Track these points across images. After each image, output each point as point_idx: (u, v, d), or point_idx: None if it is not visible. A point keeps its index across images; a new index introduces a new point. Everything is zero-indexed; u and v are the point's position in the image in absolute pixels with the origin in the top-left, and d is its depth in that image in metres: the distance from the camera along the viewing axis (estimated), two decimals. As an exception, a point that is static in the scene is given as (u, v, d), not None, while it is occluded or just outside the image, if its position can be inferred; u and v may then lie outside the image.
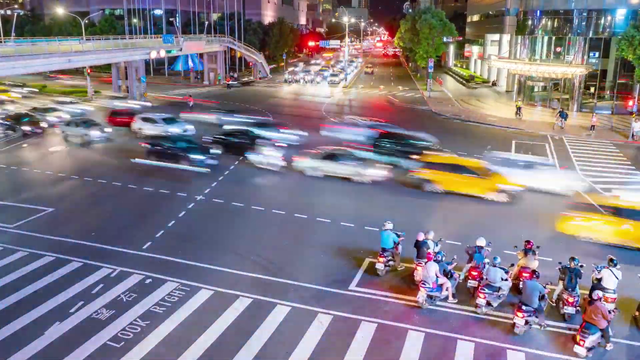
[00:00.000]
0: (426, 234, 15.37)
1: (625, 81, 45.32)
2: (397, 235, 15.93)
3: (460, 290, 14.63)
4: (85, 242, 17.66)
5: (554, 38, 48.70)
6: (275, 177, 25.58)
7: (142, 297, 14.24)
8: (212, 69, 67.51)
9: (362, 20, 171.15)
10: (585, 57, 46.16)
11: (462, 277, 15.04)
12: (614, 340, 12.49)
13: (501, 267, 13.92)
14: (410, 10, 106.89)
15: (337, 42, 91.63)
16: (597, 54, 46.22)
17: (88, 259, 16.39)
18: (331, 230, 19.06)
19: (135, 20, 76.33)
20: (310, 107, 49.25)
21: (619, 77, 45.84)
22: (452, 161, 24.09)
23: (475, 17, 79.56)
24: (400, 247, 16.02)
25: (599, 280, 13.47)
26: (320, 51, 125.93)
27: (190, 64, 67.47)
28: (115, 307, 13.69)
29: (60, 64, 38.83)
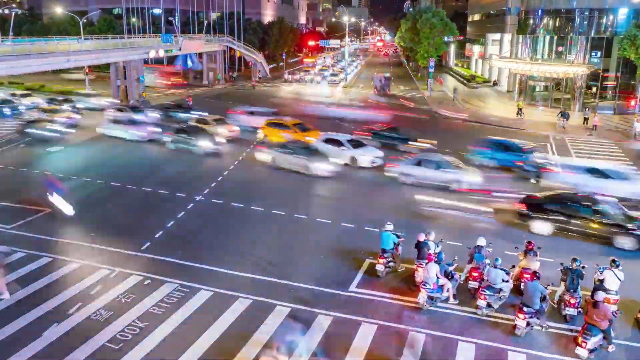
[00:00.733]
0: (427, 235, 15.29)
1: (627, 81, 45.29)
2: (397, 236, 15.85)
3: (461, 291, 14.56)
4: (83, 242, 17.58)
5: (555, 37, 48.52)
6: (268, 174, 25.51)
7: (141, 298, 14.16)
8: (212, 68, 67.37)
9: (362, 19, 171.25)
10: (587, 57, 46.04)
11: (463, 278, 14.97)
12: (616, 342, 12.42)
13: (502, 269, 13.85)
14: (411, 10, 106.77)
15: (337, 41, 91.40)
16: (598, 54, 46.08)
17: (86, 259, 16.30)
18: (331, 231, 18.99)
19: (134, 20, 76.26)
20: (310, 107, 49.15)
21: (621, 76, 45.77)
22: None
23: (476, 17, 79.51)
24: (400, 248, 15.94)
25: (601, 281, 13.40)
26: (321, 51, 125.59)
27: (190, 63, 67.31)
28: (114, 308, 13.60)
29: (59, 64, 38.68)
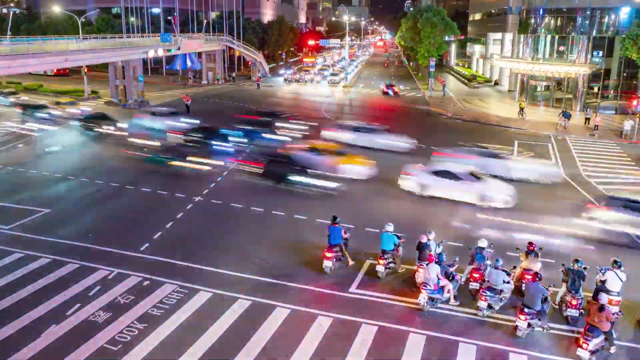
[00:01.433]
0: (428, 235, 15.22)
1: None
2: (398, 237, 15.78)
3: (462, 292, 14.50)
4: (82, 243, 17.47)
5: (557, 37, 48.37)
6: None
7: (139, 299, 14.07)
8: (211, 68, 67.20)
9: (362, 18, 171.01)
10: (588, 56, 45.87)
11: (464, 279, 14.90)
12: (618, 344, 12.36)
13: (503, 270, 13.78)
14: (412, 9, 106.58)
15: (338, 41, 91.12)
16: (600, 53, 45.90)
17: (85, 260, 16.21)
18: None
19: (132, 19, 76.03)
20: (310, 107, 49.11)
21: (623, 76, 45.58)
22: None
23: (477, 16, 79.38)
24: (400, 249, 15.87)
25: (603, 282, 13.33)
26: (320, 50, 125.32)
27: (189, 63, 67.18)
28: (112, 310, 13.52)
29: (57, 64, 38.55)
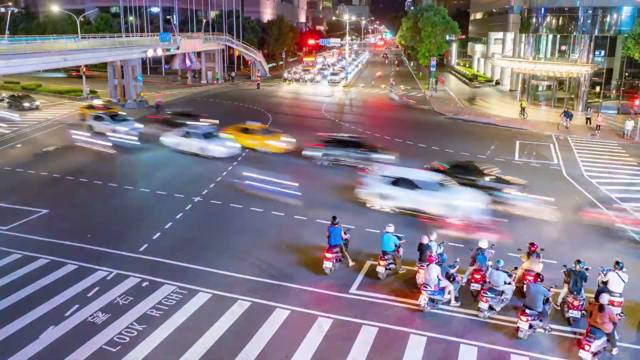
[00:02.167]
0: (429, 236, 15.14)
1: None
2: (399, 238, 15.69)
3: (463, 293, 14.41)
4: (80, 244, 17.37)
5: (558, 36, 48.24)
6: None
7: (138, 300, 13.98)
8: (210, 67, 67.04)
9: (362, 18, 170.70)
10: (590, 56, 45.71)
11: (465, 280, 14.82)
12: (620, 345, 12.28)
13: (504, 271, 13.70)
14: (412, 8, 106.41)
15: (338, 40, 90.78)
16: (602, 53, 45.81)
17: (83, 261, 16.11)
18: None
19: (131, 18, 75.92)
20: (310, 106, 49.00)
21: (625, 76, 45.47)
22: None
23: (479, 15, 79.20)
24: (401, 250, 15.78)
25: (604, 283, 13.26)
26: (321, 50, 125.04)
27: (188, 62, 67.01)
28: (111, 311, 13.43)
29: (56, 63, 38.41)
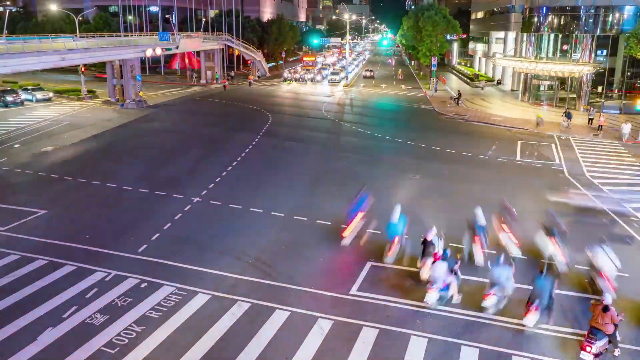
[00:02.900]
0: (431, 232, 15.06)
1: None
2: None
3: (463, 294, 14.33)
4: (78, 245, 17.27)
5: (560, 35, 48.15)
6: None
7: (137, 301, 13.89)
8: (210, 67, 66.89)
9: (363, 17, 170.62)
10: (592, 55, 45.63)
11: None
12: (622, 346, 12.21)
13: (507, 264, 13.57)
14: (413, 7, 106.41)
15: (338, 39, 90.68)
16: (604, 52, 45.71)
17: (82, 262, 16.01)
18: (332, 233, 18.73)
19: (130, 18, 75.79)
20: (310, 106, 48.91)
21: (627, 75, 45.32)
22: None
23: (480, 14, 79.15)
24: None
25: (596, 265, 13.42)
26: (321, 49, 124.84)
27: (187, 62, 66.90)
28: (109, 312, 13.34)
29: (54, 62, 38.28)
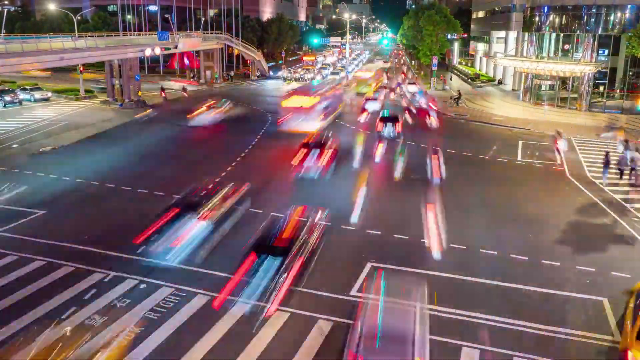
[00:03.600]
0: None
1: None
2: None
3: (463, 294, 14.21)
4: (77, 245, 17.18)
5: (562, 35, 48.01)
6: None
7: (136, 302, 13.82)
8: (209, 66, 66.77)
9: (363, 16, 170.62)
10: (594, 55, 45.46)
11: None
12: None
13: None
14: (414, 6, 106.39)
15: (338, 39, 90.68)
16: (606, 52, 45.48)
17: (80, 263, 15.92)
18: (332, 234, 18.62)
19: (129, 17, 75.69)
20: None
21: (629, 75, 45.11)
22: None
23: (481, 14, 79.09)
24: None
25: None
26: (321, 48, 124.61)
27: (186, 61, 66.78)
28: (108, 313, 13.26)
29: (52, 62, 38.22)
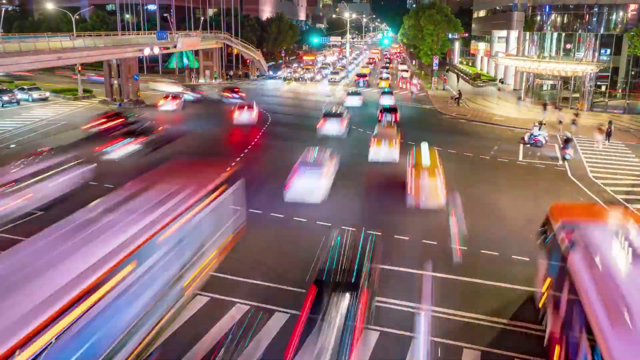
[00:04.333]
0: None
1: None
2: None
3: (463, 295, 14.15)
4: (75, 246, 17.05)
5: (563, 34, 47.92)
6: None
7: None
8: (208, 66, 66.64)
9: (364, 15, 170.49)
10: (596, 54, 45.35)
11: None
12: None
13: None
14: (414, 5, 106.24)
15: (338, 38, 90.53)
16: (608, 51, 45.39)
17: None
18: (331, 234, 18.52)
19: (127, 16, 75.57)
20: (310, 106, 48.72)
21: (631, 74, 45.16)
22: None
23: (482, 13, 78.97)
24: None
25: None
26: (321, 48, 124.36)
27: (185, 61, 66.64)
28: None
29: (50, 62, 38.11)
